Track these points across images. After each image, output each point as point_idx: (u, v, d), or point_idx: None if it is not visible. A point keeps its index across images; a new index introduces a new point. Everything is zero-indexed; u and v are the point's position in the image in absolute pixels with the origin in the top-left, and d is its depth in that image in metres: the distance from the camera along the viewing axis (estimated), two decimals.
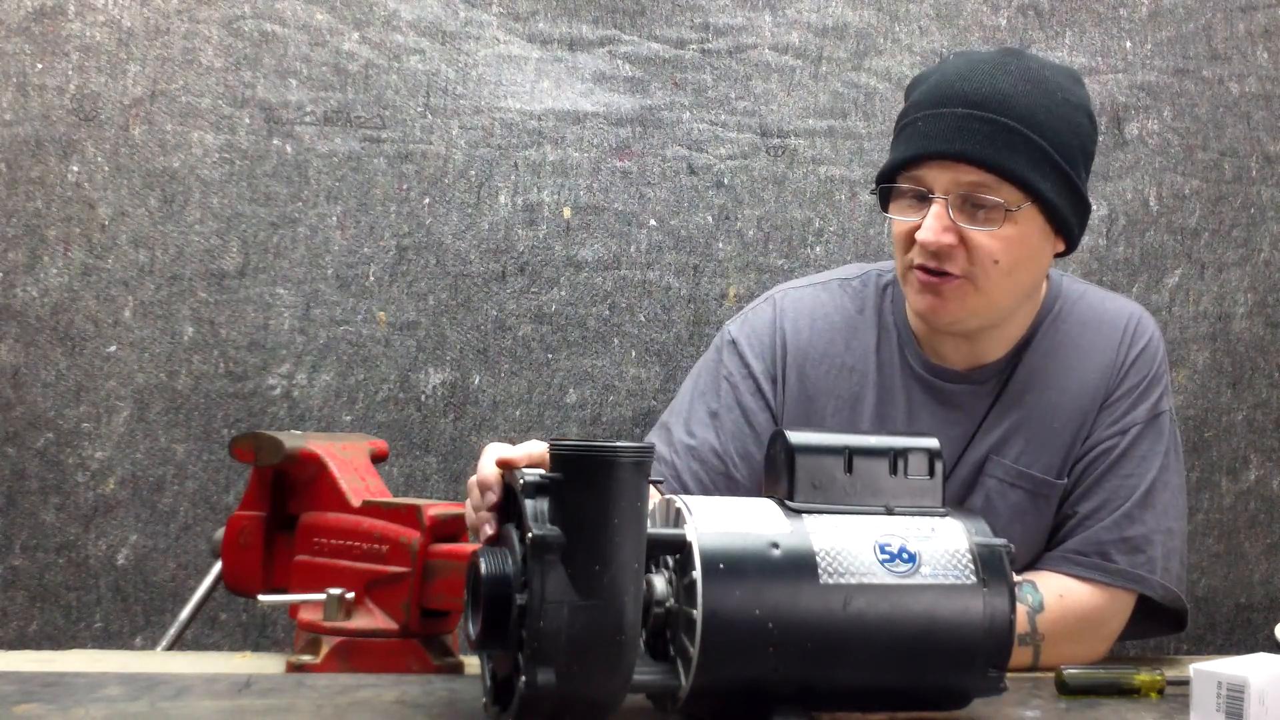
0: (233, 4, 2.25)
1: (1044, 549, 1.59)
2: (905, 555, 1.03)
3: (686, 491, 1.56)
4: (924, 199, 1.48)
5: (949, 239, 1.46)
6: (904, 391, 1.61)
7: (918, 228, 1.48)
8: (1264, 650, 1.24)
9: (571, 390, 2.25)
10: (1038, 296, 1.62)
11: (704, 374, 1.67)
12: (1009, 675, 1.06)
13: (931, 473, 1.09)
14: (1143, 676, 1.23)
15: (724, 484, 1.58)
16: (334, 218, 2.25)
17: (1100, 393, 1.59)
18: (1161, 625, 1.64)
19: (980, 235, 1.47)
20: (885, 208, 1.56)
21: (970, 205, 1.47)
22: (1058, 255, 1.58)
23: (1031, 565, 1.58)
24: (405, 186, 2.26)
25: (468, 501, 1.19)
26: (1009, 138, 1.46)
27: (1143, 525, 1.55)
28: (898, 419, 1.60)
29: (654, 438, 1.66)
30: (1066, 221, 1.51)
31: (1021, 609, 1.44)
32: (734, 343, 1.64)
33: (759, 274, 2.28)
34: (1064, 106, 1.51)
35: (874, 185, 1.56)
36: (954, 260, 1.47)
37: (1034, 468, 1.57)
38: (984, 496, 1.58)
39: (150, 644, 2.13)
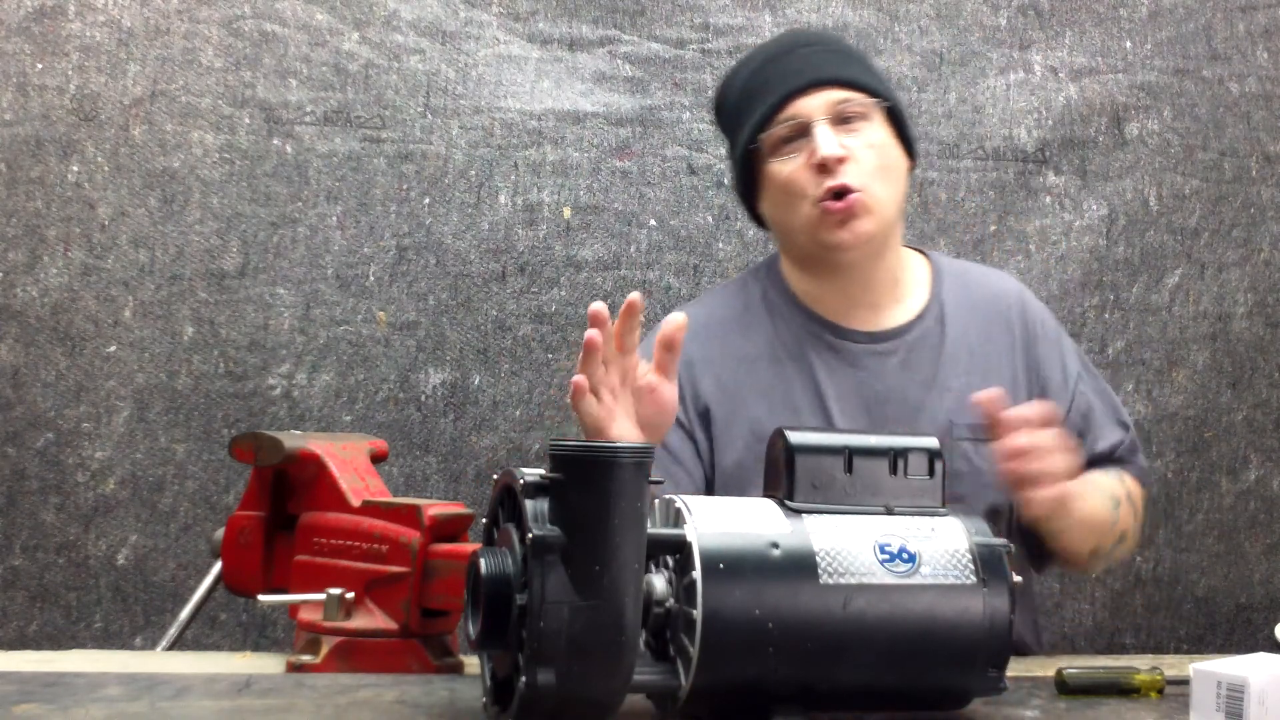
0: (233, 4, 2.25)
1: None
2: (905, 555, 1.03)
3: None
4: (801, 135, 1.61)
5: (843, 150, 1.59)
6: (813, 354, 1.66)
7: (808, 162, 1.59)
8: (1264, 650, 1.24)
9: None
10: (909, 256, 1.73)
11: None
12: (1009, 675, 1.06)
13: (931, 472, 1.09)
14: (1143, 676, 1.22)
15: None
16: (334, 218, 2.25)
17: (1019, 369, 1.68)
18: None
19: (859, 144, 1.61)
20: (752, 176, 1.66)
21: (841, 121, 1.61)
22: (909, 171, 1.70)
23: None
24: (405, 186, 2.26)
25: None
26: (849, 58, 1.69)
27: (1130, 423, 1.74)
28: (828, 391, 1.64)
29: None
30: (905, 127, 1.67)
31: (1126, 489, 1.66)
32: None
33: None
34: (857, 49, 1.79)
35: (749, 145, 1.64)
36: (849, 173, 1.59)
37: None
38: (963, 460, 1.60)
39: (150, 644, 2.13)
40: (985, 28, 2.37)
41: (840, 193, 1.58)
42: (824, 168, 1.58)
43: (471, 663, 1.31)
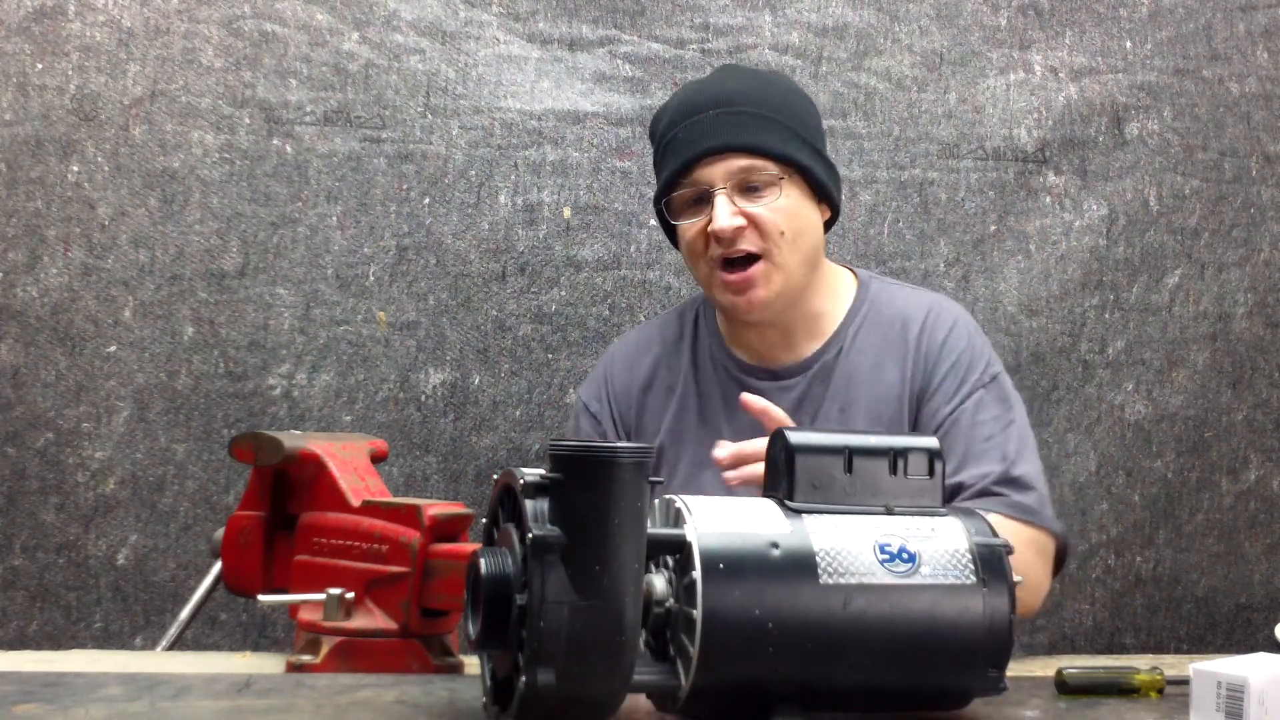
0: (233, 4, 2.25)
1: None
2: (905, 555, 1.03)
3: None
4: (705, 199, 1.64)
5: (740, 221, 1.61)
6: (719, 390, 1.72)
7: (707, 226, 1.63)
8: (1264, 650, 1.24)
9: (571, 390, 2.25)
10: (836, 286, 1.73)
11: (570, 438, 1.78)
12: (1009, 675, 1.06)
13: (931, 473, 1.09)
14: (1143, 676, 1.22)
15: None
16: (334, 218, 2.25)
17: (909, 384, 1.66)
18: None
19: (763, 212, 1.62)
20: (669, 226, 1.71)
21: (746, 189, 1.63)
22: (828, 224, 1.72)
23: None
24: (405, 186, 2.26)
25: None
26: (760, 122, 1.64)
27: (1023, 467, 1.62)
28: (720, 423, 1.69)
29: None
30: (824, 186, 1.67)
31: None
32: (586, 406, 1.79)
33: None
34: (789, 94, 1.71)
35: (657, 204, 1.70)
36: (748, 240, 1.62)
37: None
38: None
39: (150, 644, 2.13)
40: (985, 28, 2.37)
41: (738, 260, 1.63)
42: (720, 237, 1.62)
43: (471, 663, 1.31)
